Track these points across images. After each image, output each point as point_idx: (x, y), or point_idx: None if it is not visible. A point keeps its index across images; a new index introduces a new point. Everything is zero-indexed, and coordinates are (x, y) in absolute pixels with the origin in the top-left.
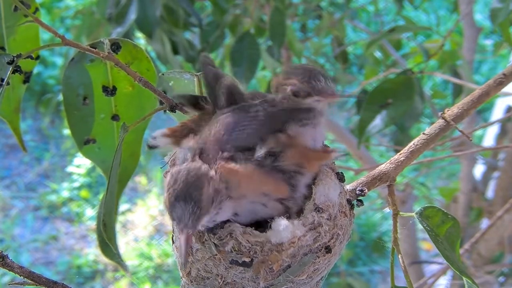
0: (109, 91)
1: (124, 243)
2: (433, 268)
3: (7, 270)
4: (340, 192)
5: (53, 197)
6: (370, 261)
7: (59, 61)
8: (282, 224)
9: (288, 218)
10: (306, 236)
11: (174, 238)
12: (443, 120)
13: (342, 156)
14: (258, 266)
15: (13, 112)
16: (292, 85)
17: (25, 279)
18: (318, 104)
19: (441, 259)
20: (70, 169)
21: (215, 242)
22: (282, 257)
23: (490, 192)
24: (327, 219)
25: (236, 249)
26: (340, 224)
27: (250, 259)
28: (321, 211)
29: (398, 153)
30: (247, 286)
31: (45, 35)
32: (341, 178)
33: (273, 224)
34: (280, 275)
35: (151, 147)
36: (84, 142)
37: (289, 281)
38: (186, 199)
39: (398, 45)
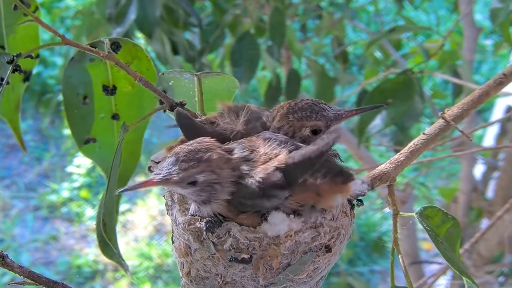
0: (109, 90)
1: (124, 243)
2: (433, 268)
3: (7, 270)
4: None
5: (53, 197)
6: (370, 261)
7: (59, 61)
8: (278, 217)
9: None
10: (304, 233)
11: (173, 238)
12: (443, 120)
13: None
14: (257, 263)
15: (13, 111)
16: (311, 126)
17: (25, 278)
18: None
19: (441, 259)
20: (70, 169)
21: (214, 240)
22: (280, 250)
23: (490, 192)
24: (330, 219)
25: (235, 246)
26: (340, 224)
27: (249, 256)
28: (324, 212)
29: (398, 153)
30: (247, 285)
31: (45, 35)
32: None
33: (269, 217)
34: (280, 273)
35: (153, 171)
36: (84, 142)
37: (289, 279)
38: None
39: (398, 45)
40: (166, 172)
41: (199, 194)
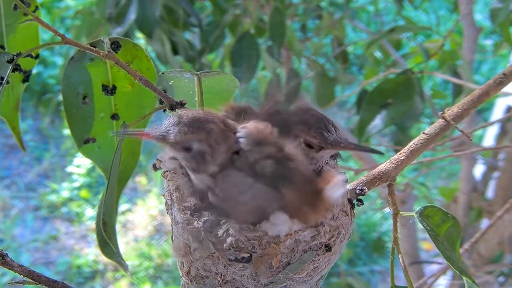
0: (109, 90)
1: (124, 243)
2: (433, 268)
3: (7, 269)
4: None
5: (53, 197)
6: (370, 261)
7: (59, 61)
8: (280, 218)
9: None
10: (304, 232)
11: (173, 237)
12: (443, 120)
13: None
14: (257, 261)
15: (12, 111)
16: (306, 140)
17: (25, 278)
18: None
19: (441, 259)
20: (70, 169)
21: (213, 240)
22: (280, 248)
23: (490, 192)
24: (331, 218)
25: (234, 245)
26: (341, 223)
27: (249, 255)
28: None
29: (398, 153)
30: (247, 284)
31: (45, 36)
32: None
33: (271, 217)
34: (279, 272)
35: (158, 169)
36: (84, 142)
37: (289, 278)
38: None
39: (398, 45)
40: (165, 131)
41: (189, 161)
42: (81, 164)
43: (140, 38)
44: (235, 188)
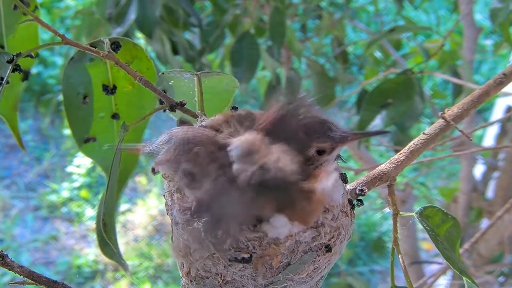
0: (109, 90)
1: (124, 243)
2: (433, 268)
3: (7, 270)
4: (343, 193)
5: (53, 197)
6: (370, 261)
7: (59, 61)
8: (281, 221)
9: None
10: (305, 233)
11: (173, 238)
12: (443, 120)
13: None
14: (257, 262)
15: (11, 110)
16: (318, 147)
17: (25, 278)
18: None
19: (441, 259)
20: (70, 169)
21: (213, 240)
22: (280, 249)
23: (490, 192)
24: (331, 219)
25: (234, 246)
26: (341, 224)
27: (249, 255)
28: (326, 211)
29: (398, 153)
30: (247, 285)
31: (45, 36)
32: (344, 178)
33: (271, 219)
34: (280, 272)
35: (156, 173)
36: (84, 141)
37: (289, 279)
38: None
39: (398, 45)
40: (155, 148)
41: (180, 178)
42: (81, 164)
43: (140, 38)
44: (222, 202)
